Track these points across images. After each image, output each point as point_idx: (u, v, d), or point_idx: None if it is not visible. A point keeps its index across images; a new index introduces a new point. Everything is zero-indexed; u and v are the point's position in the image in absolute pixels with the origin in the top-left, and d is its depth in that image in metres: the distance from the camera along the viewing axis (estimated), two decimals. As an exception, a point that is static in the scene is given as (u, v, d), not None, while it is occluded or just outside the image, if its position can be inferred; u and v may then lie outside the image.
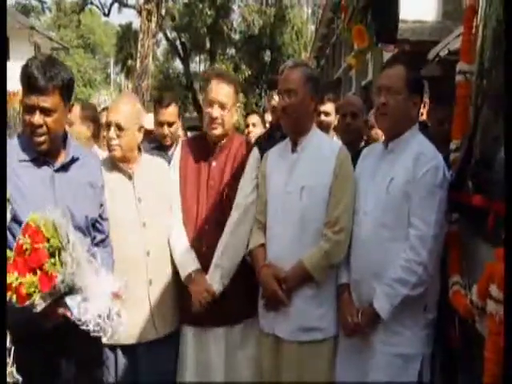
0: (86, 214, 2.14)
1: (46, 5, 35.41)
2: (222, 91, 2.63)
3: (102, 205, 2.28)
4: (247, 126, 4.45)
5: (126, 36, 28.69)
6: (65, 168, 2.11)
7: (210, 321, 2.57)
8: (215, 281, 2.52)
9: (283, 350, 2.43)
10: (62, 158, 2.11)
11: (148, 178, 2.62)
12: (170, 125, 3.28)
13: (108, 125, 2.54)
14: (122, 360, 2.53)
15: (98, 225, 2.25)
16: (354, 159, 2.54)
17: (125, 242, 2.45)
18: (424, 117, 3.34)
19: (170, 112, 3.30)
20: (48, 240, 1.77)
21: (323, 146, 2.51)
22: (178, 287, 2.64)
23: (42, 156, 2.05)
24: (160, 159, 2.86)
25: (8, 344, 1.77)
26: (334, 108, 3.62)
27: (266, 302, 2.47)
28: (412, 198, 2.22)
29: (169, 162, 2.83)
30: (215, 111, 2.61)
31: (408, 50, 8.85)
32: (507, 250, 1.20)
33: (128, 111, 2.56)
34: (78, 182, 2.14)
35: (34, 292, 1.73)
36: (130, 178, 2.59)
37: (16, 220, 1.90)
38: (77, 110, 3.38)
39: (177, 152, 2.80)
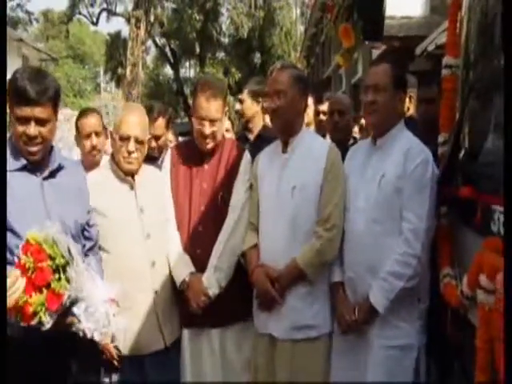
0: (76, 219, 2.15)
1: (34, 16, 35.28)
2: (211, 108, 2.59)
3: (89, 211, 2.28)
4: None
5: (115, 44, 28.75)
6: (52, 175, 2.12)
7: (205, 322, 2.57)
8: (212, 283, 2.53)
9: (277, 349, 2.43)
10: (49, 166, 2.12)
11: (149, 187, 2.61)
12: (157, 138, 3.26)
13: (125, 139, 2.49)
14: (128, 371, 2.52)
15: (86, 232, 2.25)
16: (343, 157, 2.56)
17: (129, 253, 2.43)
18: (411, 111, 3.36)
19: (157, 125, 3.27)
20: (51, 257, 1.76)
21: (313, 145, 2.52)
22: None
23: (30, 164, 2.06)
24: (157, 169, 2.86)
25: None
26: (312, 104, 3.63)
27: (259, 301, 2.47)
28: (403, 192, 2.24)
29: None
30: (206, 129, 2.60)
31: (396, 45, 8.90)
32: (507, 248, 1.21)
33: (143, 124, 2.59)
34: (66, 189, 2.15)
35: (41, 310, 1.73)
36: (132, 187, 2.57)
37: (11, 230, 1.91)
38: None
39: (167, 158, 2.80)
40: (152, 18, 24.22)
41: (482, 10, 2.19)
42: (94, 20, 30.43)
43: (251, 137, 3.49)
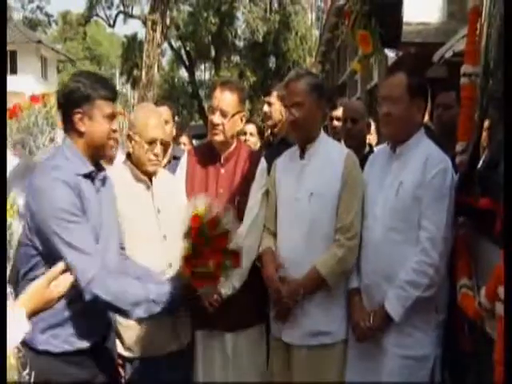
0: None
1: (53, 18, 35.77)
2: (224, 98, 2.64)
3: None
4: (244, 134, 4.47)
5: (132, 47, 28.98)
6: (104, 182, 2.15)
7: (218, 325, 2.58)
8: (225, 283, 2.52)
9: (293, 355, 2.43)
10: (103, 171, 2.15)
11: (165, 188, 2.62)
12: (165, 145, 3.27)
13: (152, 142, 2.50)
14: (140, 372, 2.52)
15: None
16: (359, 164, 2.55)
17: (146, 255, 2.41)
18: (425, 119, 3.35)
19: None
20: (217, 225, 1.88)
21: (331, 152, 2.52)
22: None
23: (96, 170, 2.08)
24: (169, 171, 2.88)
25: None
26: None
27: (276, 311, 2.46)
28: (422, 201, 2.22)
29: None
30: (216, 118, 2.64)
31: (413, 52, 8.86)
32: (506, 251, 1.19)
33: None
34: (110, 195, 2.21)
35: (228, 270, 1.88)
36: (148, 187, 2.58)
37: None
38: None
39: (183, 161, 2.81)
40: (168, 21, 24.36)
41: (501, 18, 2.17)
42: (111, 22, 30.78)
43: (274, 140, 3.50)
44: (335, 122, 3.63)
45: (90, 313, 1.95)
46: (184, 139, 4.43)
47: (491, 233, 1.81)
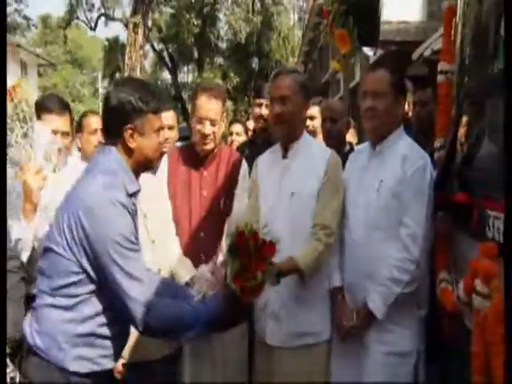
0: None
1: (32, 21, 35.30)
2: (211, 108, 2.63)
3: None
4: (231, 134, 4.46)
5: (113, 49, 28.76)
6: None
7: None
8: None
9: (277, 356, 2.42)
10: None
11: (149, 191, 2.61)
12: None
13: None
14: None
15: None
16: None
17: None
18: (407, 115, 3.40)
19: None
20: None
21: (314, 152, 2.52)
22: None
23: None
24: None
25: None
26: (319, 111, 3.63)
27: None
28: (402, 197, 2.24)
29: None
30: (207, 129, 2.62)
31: (394, 50, 8.93)
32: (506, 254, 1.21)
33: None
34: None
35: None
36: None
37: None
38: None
39: (164, 163, 2.78)
40: (150, 23, 24.26)
41: (476, 17, 2.21)
42: (92, 25, 30.46)
43: (258, 140, 3.49)
44: (308, 121, 3.63)
45: (121, 335, 1.89)
46: None
47: (468, 227, 1.83)
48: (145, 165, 1.94)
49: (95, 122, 3.15)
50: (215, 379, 2.60)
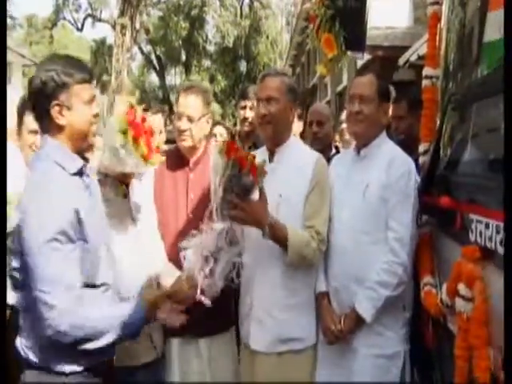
0: None
1: (17, 21, 34.99)
2: (189, 104, 2.62)
3: None
4: (214, 136, 4.45)
5: (101, 51, 28.64)
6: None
7: (194, 332, 2.55)
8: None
9: (261, 362, 2.39)
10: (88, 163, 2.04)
11: (134, 196, 2.59)
12: None
13: None
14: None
15: None
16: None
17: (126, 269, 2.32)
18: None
19: None
20: None
21: (301, 156, 2.49)
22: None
23: None
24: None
25: None
26: (298, 115, 3.63)
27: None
28: (388, 202, 2.26)
29: None
30: (183, 124, 2.61)
31: (381, 55, 9.01)
32: (507, 255, 1.22)
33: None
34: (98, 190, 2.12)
35: None
36: (125, 196, 2.55)
37: None
38: None
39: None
40: (137, 25, 24.19)
41: (460, 23, 2.24)
42: (79, 26, 30.33)
43: (245, 145, 3.48)
44: None
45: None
46: None
47: (452, 231, 1.85)
48: (80, 141, 1.84)
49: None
50: (204, 379, 2.58)
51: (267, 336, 2.37)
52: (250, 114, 3.50)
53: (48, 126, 1.79)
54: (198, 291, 2.35)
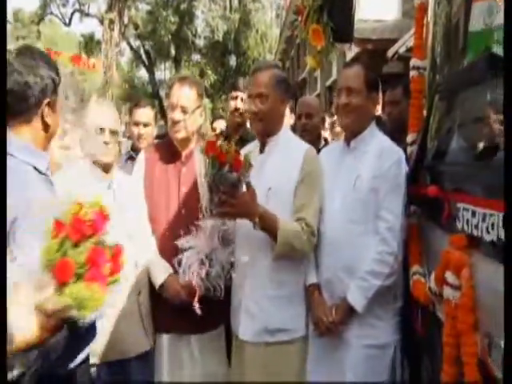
0: None
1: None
2: (183, 94, 2.60)
3: None
4: (214, 130, 4.46)
5: (89, 46, 28.39)
6: None
7: (185, 328, 2.55)
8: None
9: (249, 352, 2.40)
10: None
11: (125, 189, 2.58)
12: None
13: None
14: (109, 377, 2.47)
15: None
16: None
17: None
18: (378, 112, 3.43)
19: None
20: None
21: (291, 147, 2.49)
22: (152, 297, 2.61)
23: None
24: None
25: None
26: (289, 109, 3.63)
27: None
28: (379, 191, 2.27)
29: None
30: (177, 115, 2.59)
31: (369, 48, 9.03)
32: (507, 252, 1.23)
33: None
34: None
35: None
36: (109, 187, 2.55)
37: None
38: None
39: (140, 159, 2.75)
40: (126, 20, 24.04)
41: (446, 15, 2.25)
42: (67, 21, 30.04)
43: (233, 138, 3.48)
44: None
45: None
46: None
47: (439, 220, 1.86)
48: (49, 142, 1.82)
49: None
50: (194, 374, 2.59)
51: (255, 326, 2.37)
52: (240, 105, 3.50)
53: (27, 122, 1.72)
54: (196, 299, 2.37)
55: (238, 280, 2.44)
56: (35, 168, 1.72)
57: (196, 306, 2.37)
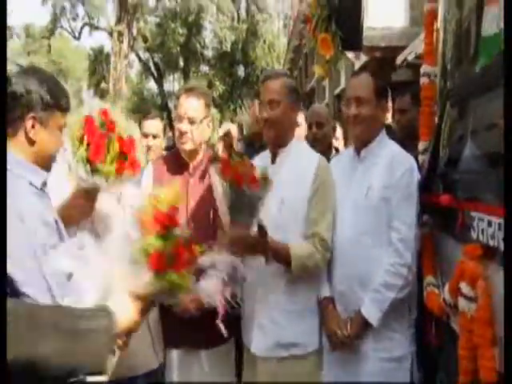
0: None
1: (15, 31, 35.05)
2: (190, 106, 2.58)
3: None
4: (223, 140, 4.43)
5: (98, 59, 28.69)
6: None
7: (194, 343, 2.52)
8: None
9: (262, 367, 2.35)
10: None
11: (133, 198, 2.56)
12: None
13: None
14: None
15: None
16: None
17: None
18: (388, 120, 3.40)
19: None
20: None
21: (303, 158, 2.45)
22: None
23: None
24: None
25: None
26: (304, 118, 3.62)
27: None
28: (391, 201, 2.22)
29: None
30: (184, 126, 2.57)
31: (378, 56, 9.02)
32: (507, 254, 1.20)
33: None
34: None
35: None
36: (118, 200, 2.52)
37: None
38: None
39: (148, 172, 2.70)
40: (135, 32, 24.29)
41: (457, 20, 2.22)
42: (76, 34, 30.42)
43: (256, 143, 3.46)
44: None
45: None
46: None
47: (453, 229, 1.82)
48: (48, 160, 1.81)
49: None
50: None
51: (268, 341, 2.33)
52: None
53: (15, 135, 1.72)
54: (219, 320, 2.31)
55: (249, 291, 2.39)
56: (30, 183, 1.70)
57: (221, 327, 2.30)
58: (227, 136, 4.42)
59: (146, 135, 3.42)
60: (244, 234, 2.16)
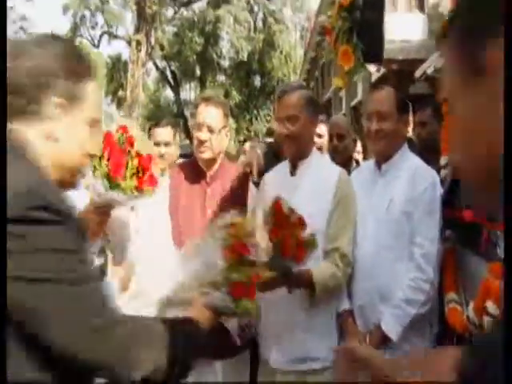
0: None
1: (36, 39, 35.60)
2: (209, 114, 2.58)
3: None
4: (244, 152, 4.43)
5: (116, 67, 29.00)
6: None
7: (209, 354, 2.50)
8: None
9: (278, 379, 2.33)
10: None
11: (149, 208, 2.56)
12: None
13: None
14: None
15: None
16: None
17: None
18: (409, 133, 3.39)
19: None
20: None
21: (324, 170, 2.42)
22: None
23: None
24: None
25: None
26: (327, 130, 3.60)
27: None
28: (413, 216, 2.19)
29: None
30: (203, 135, 2.57)
31: (395, 68, 9.00)
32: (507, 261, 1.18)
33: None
34: None
35: None
36: (132, 209, 2.52)
37: None
38: None
39: (164, 179, 2.67)
40: (153, 41, 24.52)
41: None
42: (96, 43, 30.77)
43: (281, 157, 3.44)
44: (316, 139, 3.62)
45: None
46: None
47: (476, 246, 1.80)
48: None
49: None
50: None
51: (287, 355, 2.30)
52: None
53: None
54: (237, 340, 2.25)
55: (268, 305, 2.36)
56: None
57: (236, 338, 2.26)
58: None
59: (157, 143, 3.39)
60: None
